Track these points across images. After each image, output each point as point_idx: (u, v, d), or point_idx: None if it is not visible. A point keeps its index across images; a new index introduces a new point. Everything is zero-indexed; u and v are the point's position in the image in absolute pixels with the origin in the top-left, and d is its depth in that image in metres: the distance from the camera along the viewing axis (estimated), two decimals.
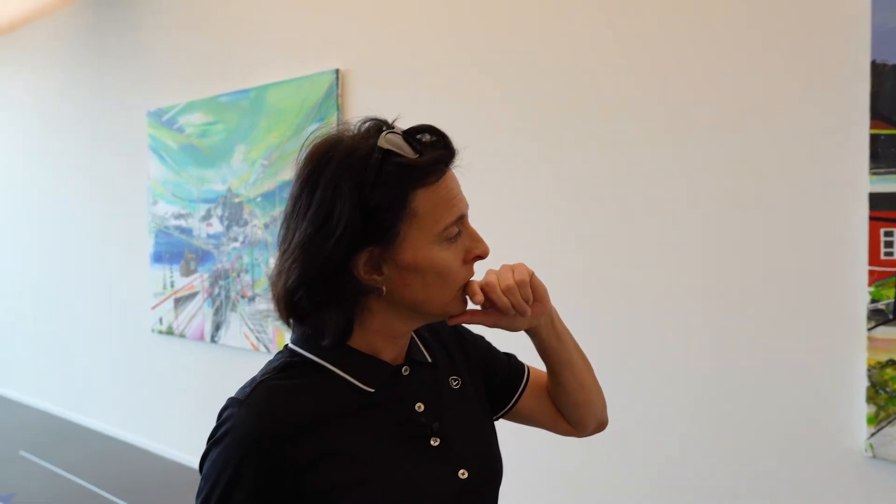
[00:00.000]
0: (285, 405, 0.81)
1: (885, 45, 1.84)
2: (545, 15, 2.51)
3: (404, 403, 0.88)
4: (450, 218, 0.82)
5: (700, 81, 2.18)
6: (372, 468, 0.82)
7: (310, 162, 0.82)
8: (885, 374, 1.87)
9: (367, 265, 0.81)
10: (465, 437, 0.92)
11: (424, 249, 0.81)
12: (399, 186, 0.79)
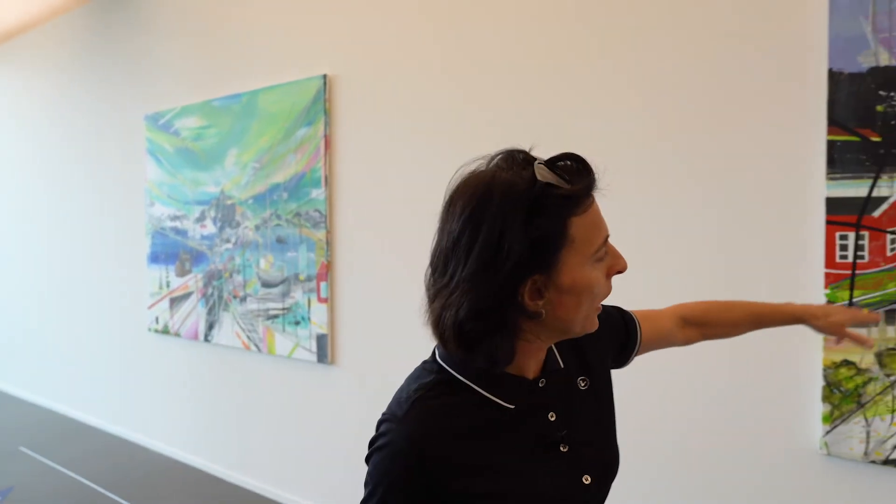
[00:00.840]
0: (436, 425, 0.88)
1: (841, 54, 1.88)
2: (526, 21, 2.55)
3: (539, 415, 0.93)
4: (600, 240, 0.87)
5: (663, 89, 2.22)
6: (509, 480, 0.88)
7: (470, 199, 0.84)
8: (840, 373, 1.91)
9: (531, 292, 0.84)
10: (590, 440, 0.98)
11: (579, 271, 0.85)
12: (559, 216, 0.83)
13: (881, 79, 1.82)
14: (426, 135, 2.88)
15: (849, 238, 1.88)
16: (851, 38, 1.86)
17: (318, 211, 3.33)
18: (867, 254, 1.86)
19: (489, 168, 0.87)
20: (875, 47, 1.83)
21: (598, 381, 1.03)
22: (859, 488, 1.91)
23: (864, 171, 1.85)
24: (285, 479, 3.59)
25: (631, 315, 1.18)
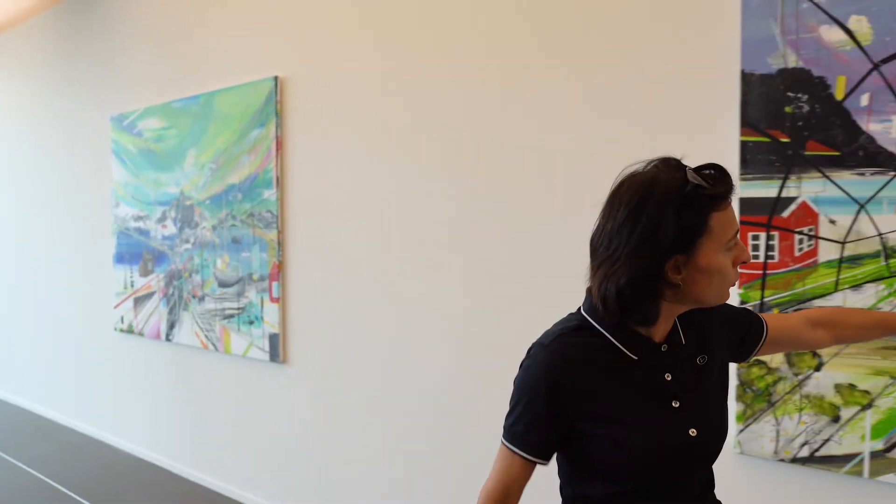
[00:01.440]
0: (572, 354, 1.11)
1: (753, 55, 1.87)
2: (466, 27, 2.55)
3: (658, 371, 1.12)
4: (731, 233, 1.07)
5: (576, 86, 2.21)
6: (626, 412, 1.09)
7: (635, 193, 1.05)
8: (752, 373, 1.90)
9: (673, 268, 1.05)
10: (700, 404, 1.14)
11: (714, 256, 1.05)
12: (703, 211, 1.04)
13: (789, 80, 1.81)
14: (373, 136, 2.87)
15: (760, 238, 1.87)
16: (762, 39, 1.85)
17: (269, 211, 3.32)
18: (777, 254, 1.85)
19: (649, 169, 1.07)
20: (784, 49, 1.82)
21: (714, 362, 1.19)
22: (770, 487, 1.90)
23: (774, 172, 1.84)
24: (241, 477, 3.57)
25: (757, 314, 1.32)
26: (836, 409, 1.77)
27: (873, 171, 1.70)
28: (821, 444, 1.79)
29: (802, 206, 1.81)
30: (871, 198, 1.70)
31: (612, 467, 1.11)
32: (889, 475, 1.69)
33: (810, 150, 1.79)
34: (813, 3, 1.77)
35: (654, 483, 1.11)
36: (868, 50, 1.69)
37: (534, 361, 1.12)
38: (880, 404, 1.70)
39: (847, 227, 1.74)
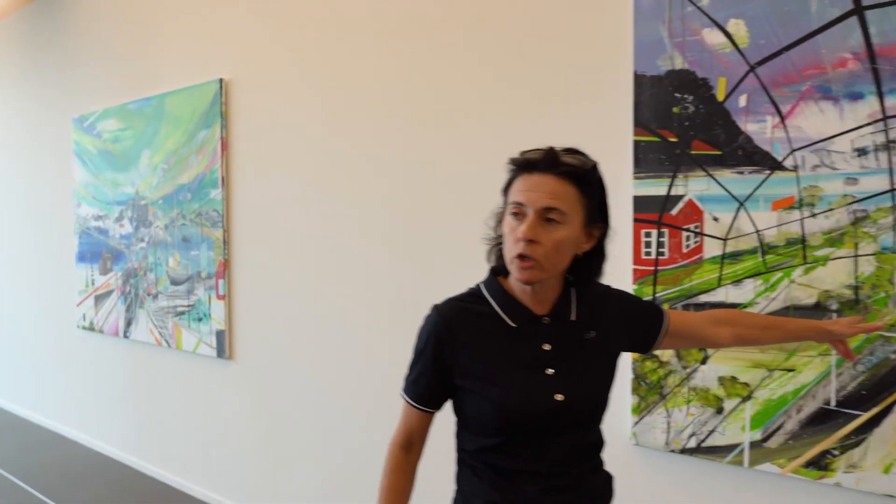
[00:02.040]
0: (458, 313, 1.24)
1: (645, 57, 1.89)
2: (405, 32, 2.57)
3: (536, 342, 1.20)
4: (514, 199, 1.17)
5: (477, 91, 2.24)
6: (497, 372, 1.19)
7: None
8: (646, 366, 1.93)
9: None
10: (576, 375, 1.21)
11: (506, 218, 1.19)
12: (511, 178, 1.20)
13: (676, 81, 1.84)
14: (314, 137, 2.89)
15: (652, 235, 1.90)
16: (652, 42, 1.88)
17: (216, 211, 3.34)
18: (667, 250, 1.88)
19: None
20: (671, 51, 1.84)
21: (604, 341, 1.26)
22: (663, 477, 1.93)
23: (663, 171, 1.87)
24: (193, 470, 3.60)
25: (661, 308, 1.40)
26: (720, 401, 1.80)
27: (751, 169, 1.73)
28: (706, 435, 1.82)
29: (689, 204, 1.84)
30: (749, 196, 1.73)
31: (482, 422, 1.20)
32: (766, 464, 1.73)
33: (696, 150, 1.82)
34: (696, 7, 1.79)
35: (520, 440, 1.19)
36: (745, 52, 1.72)
37: (426, 322, 1.26)
38: (758, 396, 1.73)
39: (729, 224, 1.77)
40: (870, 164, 1.56)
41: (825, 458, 1.64)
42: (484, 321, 1.21)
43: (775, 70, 1.68)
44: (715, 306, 1.79)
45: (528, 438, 1.19)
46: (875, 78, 1.55)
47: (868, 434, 1.58)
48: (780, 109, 1.68)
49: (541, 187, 1.14)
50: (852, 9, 1.57)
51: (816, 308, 1.64)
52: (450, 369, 1.22)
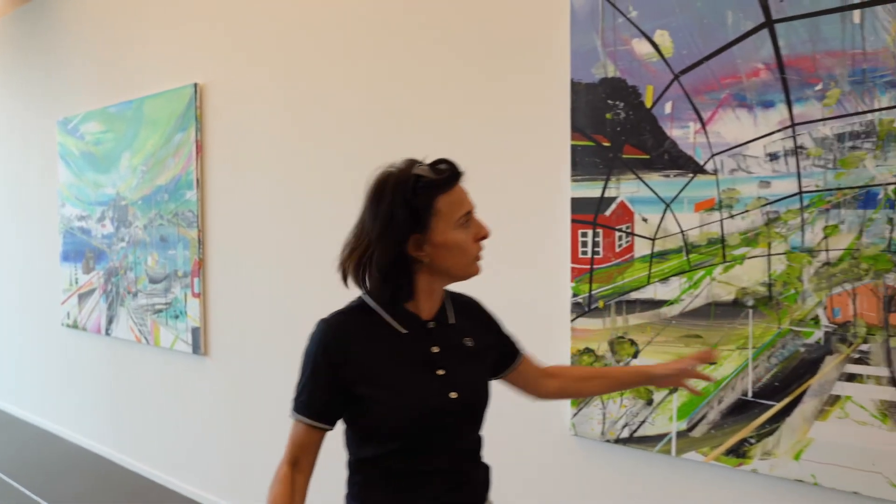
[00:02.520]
0: (346, 325, 1.25)
1: (580, 66, 1.97)
2: (375, 36, 2.65)
3: (425, 345, 1.25)
4: (461, 211, 1.22)
5: (430, 97, 2.32)
6: (394, 376, 1.22)
7: (374, 188, 1.22)
8: (583, 360, 2.01)
9: (414, 246, 1.20)
10: (463, 375, 1.28)
11: (447, 233, 1.20)
12: (429, 195, 1.19)
13: (609, 89, 1.92)
14: (285, 139, 2.97)
15: (588, 235, 1.98)
16: (587, 51, 1.96)
17: (191, 211, 3.42)
18: (601, 250, 1.96)
19: (388, 168, 1.23)
20: (604, 60, 1.92)
21: (480, 348, 1.34)
22: (599, 465, 2.01)
23: (598, 174, 1.95)
24: (171, 464, 3.68)
25: (520, 345, 1.46)
26: (650, 394, 1.88)
27: (676, 172, 1.81)
28: (638, 426, 1.91)
29: (621, 205, 1.92)
30: (675, 198, 1.82)
31: (384, 427, 1.22)
32: (691, 452, 1.81)
33: (627, 154, 1.90)
34: (626, 18, 1.87)
35: (420, 441, 1.22)
36: (670, 62, 1.80)
37: (314, 335, 1.25)
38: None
39: (656, 224, 1.85)
40: (780, 168, 1.64)
41: (743, 446, 1.72)
42: (373, 329, 1.24)
43: (697, 79, 1.76)
44: (645, 303, 1.88)
45: (428, 438, 1.23)
46: (784, 87, 1.63)
47: (781, 423, 1.66)
48: (702, 116, 1.76)
49: (467, 193, 1.26)
50: (763, 22, 1.65)
51: (735, 304, 1.72)
52: (346, 380, 1.21)
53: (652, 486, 1.91)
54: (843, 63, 1.54)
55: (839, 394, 1.58)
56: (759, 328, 1.69)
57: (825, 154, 1.58)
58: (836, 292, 1.58)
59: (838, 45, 1.55)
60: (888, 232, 1.51)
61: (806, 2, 1.59)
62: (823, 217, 1.59)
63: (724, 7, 1.71)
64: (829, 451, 1.59)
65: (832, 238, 1.58)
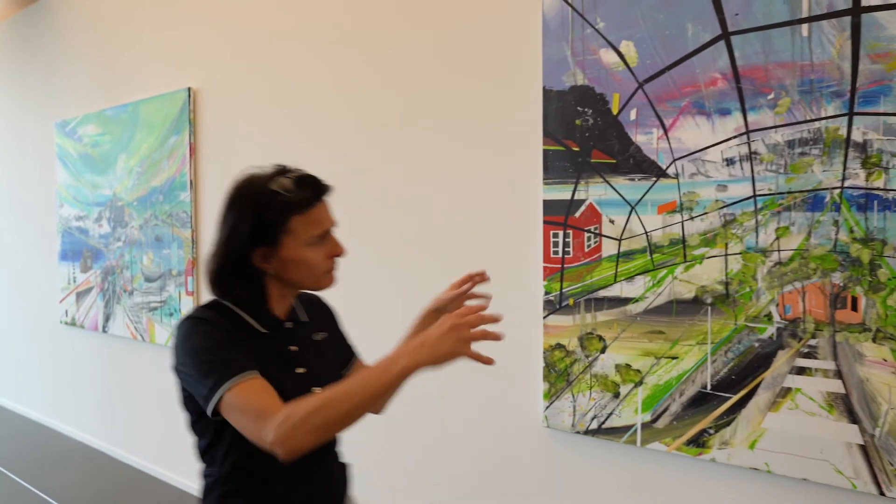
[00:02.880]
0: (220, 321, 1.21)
1: (551, 74, 2.05)
2: (367, 41, 2.73)
3: (285, 344, 1.29)
4: (316, 233, 1.22)
5: (415, 102, 2.40)
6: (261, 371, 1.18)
7: (233, 192, 1.23)
8: (555, 356, 2.09)
9: (261, 258, 1.22)
10: (322, 370, 1.32)
11: (297, 251, 1.21)
12: (282, 213, 1.19)
13: (578, 96, 2.00)
14: (276, 143, 3.05)
15: (559, 236, 2.06)
16: (558, 60, 2.04)
17: (185, 212, 3.50)
18: (572, 250, 2.04)
19: (252, 175, 1.24)
20: (574, 68, 2.00)
21: (330, 340, 1.40)
22: (570, 456, 2.09)
23: (568, 177, 2.03)
24: (165, 457, 3.76)
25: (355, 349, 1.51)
26: (617, 387, 1.96)
27: (640, 176, 1.89)
28: (606, 418, 1.99)
29: (590, 208, 2.00)
30: (639, 200, 1.90)
31: None
32: (655, 443, 1.89)
33: (595, 158, 1.98)
34: (594, 29, 1.95)
35: None
36: (635, 71, 1.88)
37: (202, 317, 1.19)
38: (648, 381, 1.90)
39: (622, 226, 1.93)
40: (736, 173, 1.72)
41: (703, 436, 1.80)
42: (237, 328, 1.22)
43: (659, 87, 1.84)
44: (612, 301, 1.96)
45: None
46: (739, 96, 1.71)
47: (737, 414, 1.74)
48: (664, 123, 1.84)
49: (328, 210, 1.26)
50: (720, 34, 1.73)
51: (695, 302, 1.80)
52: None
53: (619, 476, 1.99)
54: (793, 74, 1.63)
55: (790, 386, 1.66)
56: (717, 324, 1.77)
57: (777, 159, 1.66)
58: (787, 290, 1.66)
59: (788, 57, 1.63)
60: (834, 234, 1.59)
61: (759, 15, 1.67)
62: (775, 219, 1.67)
63: (685, 20, 1.79)
64: (781, 440, 1.67)
65: (783, 239, 1.66)
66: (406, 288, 2.51)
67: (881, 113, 1.51)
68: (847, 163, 1.56)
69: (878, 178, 1.52)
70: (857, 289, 1.56)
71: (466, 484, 2.35)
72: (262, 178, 1.21)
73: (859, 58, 1.53)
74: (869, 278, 1.54)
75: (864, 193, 1.54)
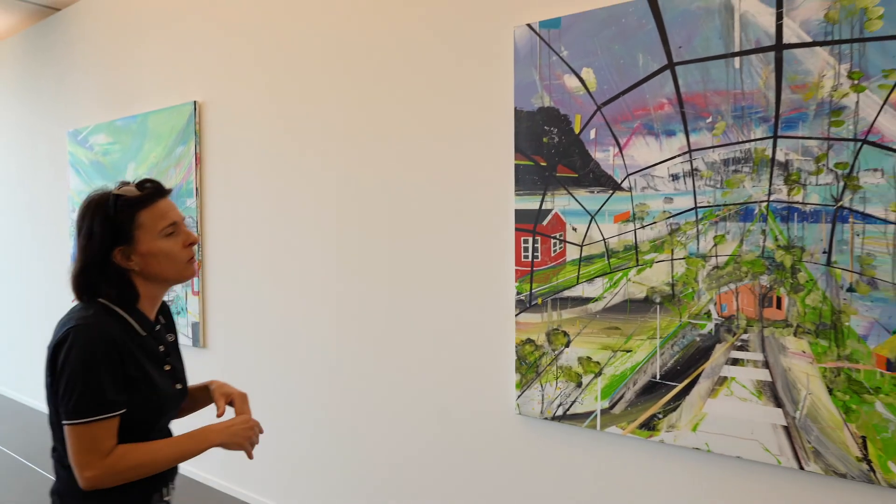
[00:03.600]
0: (112, 330, 1.30)
1: (522, 96, 2.26)
2: (364, 58, 2.94)
3: (157, 344, 1.44)
4: (164, 223, 1.37)
5: (404, 119, 2.60)
6: (146, 371, 1.36)
7: (83, 205, 1.37)
8: (525, 349, 2.29)
9: (121, 256, 1.34)
10: (179, 368, 1.52)
11: (152, 243, 1.35)
12: (128, 210, 1.33)
13: (545, 116, 2.20)
14: (275, 153, 3.26)
15: (529, 242, 2.27)
16: (527, 84, 2.24)
17: (191, 217, 3.70)
18: (540, 254, 2.24)
19: (98, 190, 1.40)
20: (541, 92, 2.20)
21: (176, 340, 1.56)
22: (539, 439, 2.29)
23: (536, 189, 2.23)
24: None
25: None
26: (579, 377, 2.16)
27: (599, 189, 2.09)
28: (570, 405, 2.19)
29: (555, 216, 2.20)
30: (598, 210, 2.10)
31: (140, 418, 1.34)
32: (612, 427, 2.09)
33: (560, 172, 2.18)
34: (559, 57, 2.16)
35: (154, 427, 1.41)
36: (594, 95, 2.09)
37: (90, 337, 1.26)
38: (607, 372, 2.10)
39: (584, 233, 2.13)
40: (680, 187, 1.93)
41: (653, 420, 2.01)
42: (124, 330, 1.33)
43: (615, 110, 2.04)
44: (575, 300, 2.16)
45: (159, 424, 1.42)
46: (683, 119, 1.91)
47: (682, 401, 1.95)
48: (619, 141, 2.04)
49: (174, 205, 1.42)
50: (666, 64, 1.93)
51: (646, 301, 2.01)
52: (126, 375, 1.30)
53: (582, 456, 2.19)
54: (728, 101, 1.83)
55: (726, 375, 1.86)
56: (665, 321, 1.97)
57: (714, 176, 1.86)
58: (724, 291, 1.86)
59: (724, 86, 1.83)
60: (762, 241, 1.79)
61: (699, 49, 1.87)
62: (713, 228, 1.87)
63: (636, 51, 1.99)
64: (719, 423, 1.88)
65: (720, 246, 1.86)
66: (394, 288, 2.71)
67: (800, 136, 1.72)
68: (772, 179, 1.76)
69: (797, 193, 1.73)
70: (781, 290, 1.76)
71: (447, 467, 2.56)
72: (106, 189, 1.37)
73: (782, 88, 1.74)
74: (791, 280, 1.74)
75: (786, 206, 1.75)
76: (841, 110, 1.66)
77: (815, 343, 1.71)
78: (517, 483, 2.35)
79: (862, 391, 1.65)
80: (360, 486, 2.89)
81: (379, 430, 2.80)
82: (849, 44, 1.64)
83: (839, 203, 1.67)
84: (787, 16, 1.72)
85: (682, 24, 1.89)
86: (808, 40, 1.69)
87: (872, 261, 1.63)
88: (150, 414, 1.38)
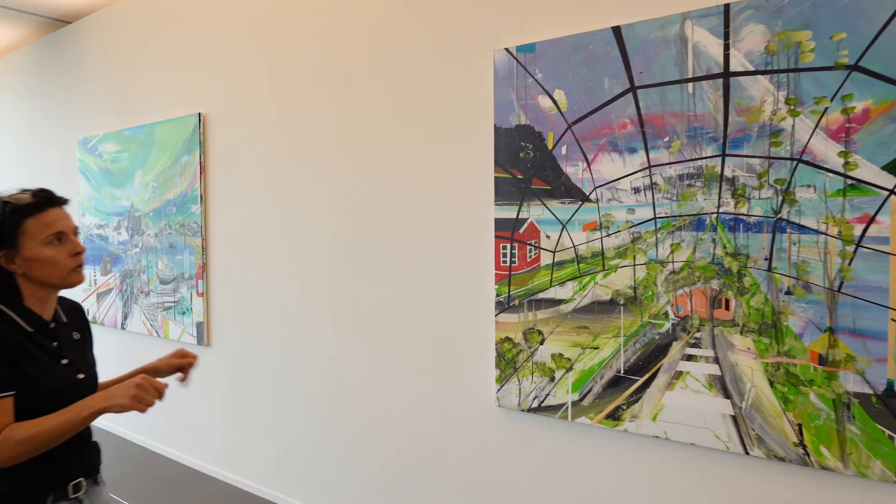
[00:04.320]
0: None
1: (501, 114, 2.43)
2: (362, 71, 3.11)
3: (49, 340, 1.51)
4: (48, 232, 1.44)
5: (392, 137, 2.77)
6: (35, 362, 1.43)
7: None
8: (504, 347, 2.46)
9: (6, 259, 1.44)
10: (81, 362, 1.57)
11: (36, 249, 1.44)
12: (14, 217, 1.42)
13: (522, 133, 2.37)
14: (276, 162, 3.43)
15: (507, 248, 2.44)
16: (506, 103, 2.41)
17: (196, 222, 3.88)
18: (517, 259, 2.41)
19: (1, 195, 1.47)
20: (518, 110, 2.38)
21: (84, 338, 1.63)
22: (516, 429, 2.46)
23: (514, 200, 2.40)
24: (176, 440, 4.13)
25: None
26: (552, 372, 2.33)
27: (569, 200, 2.26)
28: (544, 398, 2.36)
29: (531, 225, 2.37)
30: (569, 220, 2.27)
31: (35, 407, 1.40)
32: (582, 418, 2.26)
33: (535, 185, 2.35)
34: (534, 79, 2.33)
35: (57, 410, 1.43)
36: (565, 114, 2.26)
37: None
38: (577, 367, 2.27)
39: (556, 240, 2.30)
40: (641, 199, 2.10)
41: (618, 411, 2.18)
42: (8, 326, 1.41)
43: (584, 128, 2.21)
44: (548, 301, 2.33)
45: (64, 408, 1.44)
46: (643, 138, 2.08)
47: (643, 393, 2.12)
48: (588, 157, 2.21)
49: (65, 215, 1.48)
50: (628, 87, 2.10)
51: (611, 303, 2.18)
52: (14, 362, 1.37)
53: (555, 445, 2.36)
54: (682, 122, 2.00)
55: (682, 370, 2.03)
56: (628, 321, 2.14)
57: (671, 189, 2.03)
58: (679, 293, 2.03)
59: (679, 108, 2.00)
60: (712, 249, 1.96)
61: (657, 74, 2.04)
62: (670, 237, 2.04)
63: (602, 75, 2.16)
64: (676, 413, 2.05)
65: (676, 253, 2.03)
66: (386, 289, 2.89)
67: (745, 155, 1.89)
68: (721, 193, 1.93)
69: (743, 206, 1.90)
70: (729, 292, 1.93)
71: (431, 457, 2.73)
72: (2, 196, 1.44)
73: (729, 111, 1.91)
74: (737, 284, 1.92)
75: (733, 217, 1.92)
76: (779, 132, 1.83)
77: (758, 340, 1.88)
78: (498, 469, 2.52)
79: (798, 383, 1.82)
80: (357, 474, 3.06)
81: (373, 423, 2.97)
82: (785, 73, 1.81)
83: (778, 215, 1.84)
84: (734, 46, 1.90)
85: (642, 51, 2.07)
86: (751, 69, 1.87)
87: (807, 267, 1.80)
88: (47, 400, 1.41)
